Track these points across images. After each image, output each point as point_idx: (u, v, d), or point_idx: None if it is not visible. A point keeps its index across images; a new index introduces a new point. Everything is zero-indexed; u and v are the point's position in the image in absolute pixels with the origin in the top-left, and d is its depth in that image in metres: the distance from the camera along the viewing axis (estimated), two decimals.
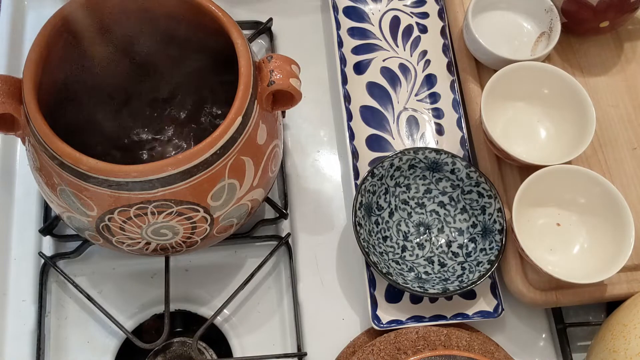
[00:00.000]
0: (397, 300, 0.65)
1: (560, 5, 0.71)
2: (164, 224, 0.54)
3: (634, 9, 0.70)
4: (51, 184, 0.53)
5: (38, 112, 0.51)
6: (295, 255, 0.68)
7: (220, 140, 0.51)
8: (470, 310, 0.65)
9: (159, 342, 0.62)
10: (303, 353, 0.64)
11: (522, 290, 0.64)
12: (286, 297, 0.67)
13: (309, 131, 0.75)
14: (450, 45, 0.76)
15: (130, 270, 0.68)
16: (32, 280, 0.66)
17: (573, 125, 0.67)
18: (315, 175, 0.73)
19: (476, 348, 0.61)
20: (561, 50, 0.73)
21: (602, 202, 0.63)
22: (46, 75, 0.54)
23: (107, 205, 0.52)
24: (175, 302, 0.66)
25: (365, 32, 0.77)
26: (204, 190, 0.53)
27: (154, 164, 0.50)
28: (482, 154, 0.69)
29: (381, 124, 0.72)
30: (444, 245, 0.67)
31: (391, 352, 0.60)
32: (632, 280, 0.64)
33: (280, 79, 0.54)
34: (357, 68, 0.75)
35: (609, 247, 0.62)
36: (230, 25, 0.55)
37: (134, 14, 0.59)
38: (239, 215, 0.58)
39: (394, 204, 0.68)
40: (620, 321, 0.59)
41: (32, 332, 0.64)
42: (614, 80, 0.73)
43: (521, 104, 0.69)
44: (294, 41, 0.78)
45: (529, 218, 0.65)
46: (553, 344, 0.67)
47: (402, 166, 0.68)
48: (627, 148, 0.70)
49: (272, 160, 0.59)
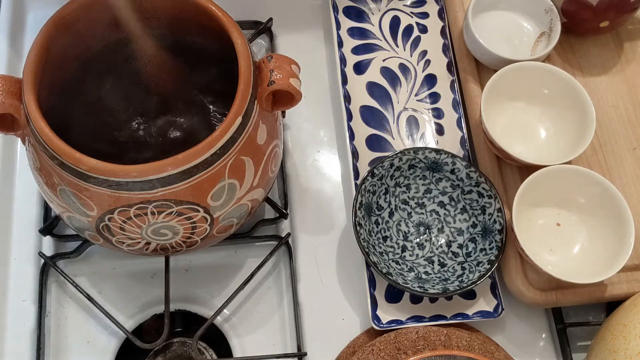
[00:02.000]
0: (397, 300, 0.65)
1: (560, 5, 0.71)
2: (164, 224, 0.54)
3: (634, 9, 0.70)
4: (51, 184, 0.53)
5: (38, 112, 0.51)
6: (295, 255, 0.68)
7: (220, 140, 0.51)
8: (470, 310, 0.65)
9: (159, 342, 0.62)
10: (303, 353, 0.64)
11: (522, 290, 0.64)
12: (286, 297, 0.67)
13: (309, 131, 0.75)
14: (450, 45, 0.76)
15: (130, 270, 0.68)
16: (32, 280, 0.66)
17: (573, 125, 0.67)
18: (315, 175, 0.73)
19: (476, 348, 0.61)
20: (561, 50, 0.73)
21: (602, 202, 0.63)
22: (46, 75, 0.54)
23: (107, 205, 0.52)
24: (175, 302, 0.66)
25: (365, 32, 0.77)
26: (204, 190, 0.53)
27: (154, 164, 0.50)
28: (482, 154, 0.69)
29: (381, 124, 0.72)
30: (444, 245, 0.67)
31: (391, 352, 0.60)
32: (632, 280, 0.64)
33: (280, 79, 0.54)
34: (357, 68, 0.75)
35: (609, 247, 0.62)
36: (230, 25, 0.55)
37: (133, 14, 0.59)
38: (239, 215, 0.58)
39: (394, 204, 0.68)
40: (620, 321, 0.59)
41: (32, 332, 0.64)
42: (614, 80, 0.73)
43: (521, 104, 0.69)
44: (294, 41, 0.78)
45: (529, 218, 0.65)
46: (553, 344, 0.67)
47: (402, 166, 0.68)
48: (627, 148, 0.70)
49: (272, 160, 0.59)
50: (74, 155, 0.50)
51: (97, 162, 0.49)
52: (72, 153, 0.50)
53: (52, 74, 0.56)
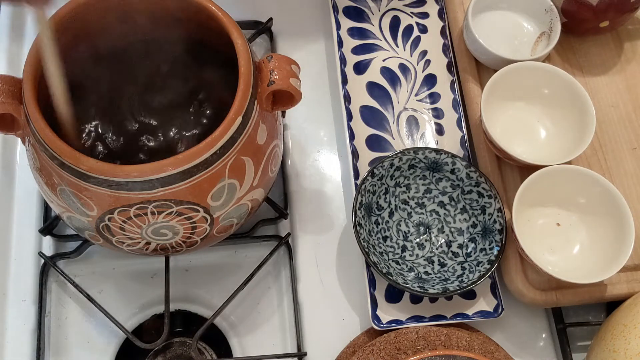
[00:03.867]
0: (397, 300, 0.65)
1: (560, 5, 0.71)
2: (164, 224, 0.54)
3: (634, 9, 0.70)
4: (51, 184, 0.53)
5: (38, 112, 0.51)
6: (295, 255, 0.68)
7: (220, 140, 0.51)
8: (470, 310, 0.65)
9: (159, 342, 0.62)
10: (303, 353, 0.64)
11: (522, 290, 0.64)
12: (286, 297, 0.67)
13: (309, 131, 0.75)
14: (450, 45, 0.76)
15: (130, 270, 0.68)
16: (32, 280, 0.66)
17: (573, 125, 0.67)
18: (315, 175, 0.73)
19: (476, 348, 0.61)
20: (561, 50, 0.73)
21: (602, 202, 0.63)
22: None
23: (107, 205, 0.52)
24: (175, 302, 0.66)
25: (365, 32, 0.77)
26: (204, 190, 0.53)
27: (154, 164, 0.50)
28: (482, 154, 0.69)
29: (381, 124, 0.72)
30: (444, 245, 0.67)
31: (391, 352, 0.60)
32: (632, 280, 0.64)
33: (280, 79, 0.54)
34: (357, 68, 0.75)
35: (609, 247, 0.62)
36: (230, 25, 0.55)
37: (133, 14, 0.59)
38: (239, 215, 0.58)
39: (394, 204, 0.68)
40: (620, 321, 0.59)
41: (32, 332, 0.64)
42: (614, 80, 0.73)
43: (521, 103, 0.69)
44: (294, 41, 0.78)
45: (529, 218, 0.65)
46: (553, 344, 0.67)
47: (402, 166, 0.68)
48: (627, 148, 0.70)
49: (272, 160, 0.59)
50: (74, 155, 0.50)
51: (97, 162, 0.49)
52: (72, 153, 0.50)
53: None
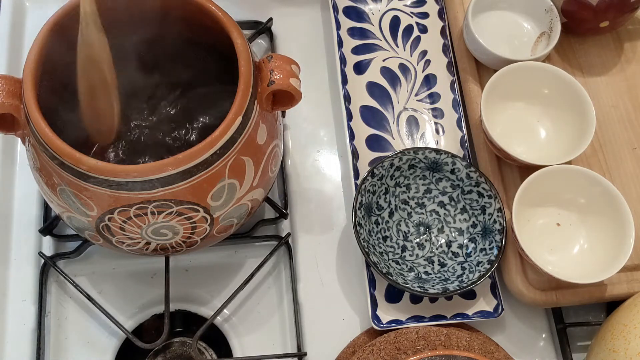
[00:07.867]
0: (397, 300, 0.65)
1: (560, 5, 0.71)
2: (164, 224, 0.54)
3: (634, 9, 0.70)
4: (51, 184, 0.53)
5: (38, 112, 0.51)
6: (295, 255, 0.68)
7: (220, 140, 0.51)
8: (470, 310, 0.65)
9: (159, 342, 0.62)
10: (303, 353, 0.64)
11: (522, 290, 0.64)
12: (286, 297, 0.67)
13: (309, 131, 0.75)
14: (450, 45, 0.76)
15: (130, 270, 0.68)
16: (32, 280, 0.66)
17: (573, 125, 0.67)
18: (315, 175, 0.73)
19: (476, 348, 0.61)
20: (561, 50, 0.73)
21: (602, 202, 0.63)
22: (46, 75, 0.54)
23: (107, 205, 0.52)
24: (175, 302, 0.66)
25: (365, 32, 0.77)
26: (204, 190, 0.53)
27: (154, 164, 0.50)
28: (482, 154, 0.69)
29: (381, 124, 0.72)
30: (444, 245, 0.67)
31: (391, 352, 0.60)
32: (632, 280, 0.64)
33: (280, 79, 0.54)
34: (357, 68, 0.75)
35: (609, 247, 0.62)
36: (230, 25, 0.55)
37: (133, 14, 0.59)
38: (239, 215, 0.58)
39: (394, 204, 0.68)
40: (620, 321, 0.59)
41: (32, 332, 0.64)
42: (614, 80, 0.73)
43: (521, 104, 0.69)
44: (294, 41, 0.78)
45: (529, 218, 0.65)
46: (553, 344, 0.67)
47: (402, 166, 0.68)
48: (627, 148, 0.70)
49: (272, 160, 0.59)
50: (74, 155, 0.50)
51: (97, 162, 0.49)
52: (72, 153, 0.50)
53: (52, 74, 0.56)
